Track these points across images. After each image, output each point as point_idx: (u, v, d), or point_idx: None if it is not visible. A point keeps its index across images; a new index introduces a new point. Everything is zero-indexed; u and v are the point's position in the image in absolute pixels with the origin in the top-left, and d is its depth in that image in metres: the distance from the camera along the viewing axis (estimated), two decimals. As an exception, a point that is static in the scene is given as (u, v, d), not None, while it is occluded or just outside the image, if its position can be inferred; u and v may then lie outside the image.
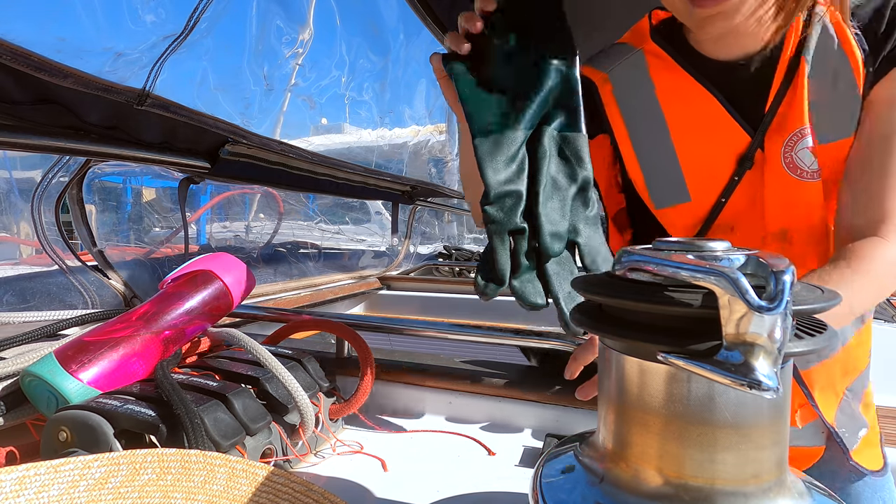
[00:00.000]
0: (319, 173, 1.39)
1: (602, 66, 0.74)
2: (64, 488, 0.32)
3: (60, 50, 0.71)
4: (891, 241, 0.59)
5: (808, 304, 0.28)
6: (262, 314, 0.88)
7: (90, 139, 0.80)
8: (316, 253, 1.95)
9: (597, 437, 0.35)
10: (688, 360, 0.26)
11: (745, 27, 0.62)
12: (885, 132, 0.61)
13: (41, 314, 0.66)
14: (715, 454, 0.29)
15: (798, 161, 0.64)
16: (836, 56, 0.62)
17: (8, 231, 1.29)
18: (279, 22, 1.48)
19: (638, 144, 0.72)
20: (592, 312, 0.34)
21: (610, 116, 0.73)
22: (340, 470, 0.55)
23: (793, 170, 0.64)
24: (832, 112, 0.63)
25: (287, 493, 0.36)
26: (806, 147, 0.63)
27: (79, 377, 0.50)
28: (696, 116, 0.69)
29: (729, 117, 0.67)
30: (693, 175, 0.70)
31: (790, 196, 0.65)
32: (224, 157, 1.05)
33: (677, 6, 0.61)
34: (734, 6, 0.57)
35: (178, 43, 0.85)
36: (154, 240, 1.50)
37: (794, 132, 0.63)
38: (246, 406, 0.50)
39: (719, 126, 0.68)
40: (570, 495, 0.33)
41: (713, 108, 0.68)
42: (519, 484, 0.52)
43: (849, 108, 0.63)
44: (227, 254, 0.70)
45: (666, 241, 0.32)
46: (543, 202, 0.43)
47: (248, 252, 1.72)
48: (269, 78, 1.48)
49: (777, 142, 0.65)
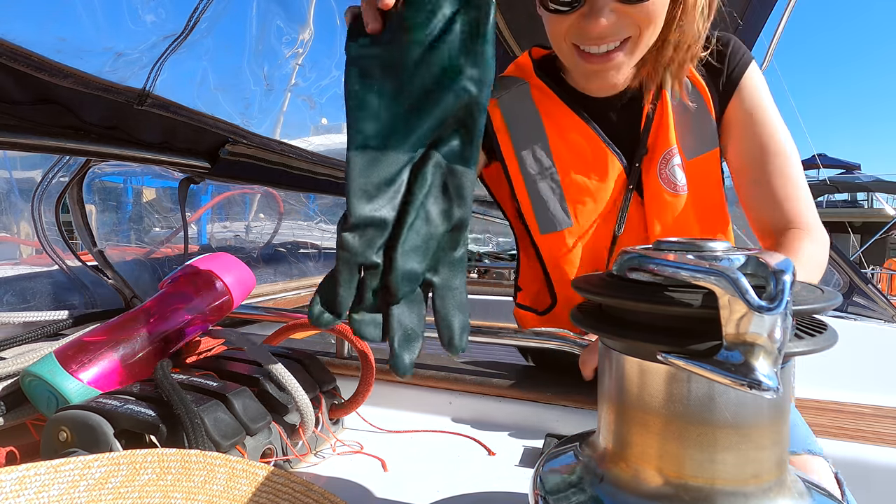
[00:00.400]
0: (319, 173, 1.39)
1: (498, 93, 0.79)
2: (64, 488, 0.32)
3: (60, 50, 0.71)
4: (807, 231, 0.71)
5: (808, 304, 0.28)
6: (262, 314, 0.88)
7: (90, 139, 0.80)
8: (316, 253, 1.95)
9: (597, 437, 0.35)
10: (688, 360, 0.26)
11: (618, 76, 0.71)
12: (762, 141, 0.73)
13: (41, 314, 0.67)
14: (715, 454, 0.29)
15: (671, 177, 0.74)
16: (686, 86, 0.74)
17: (8, 231, 1.29)
18: (279, 22, 1.48)
19: (525, 171, 0.77)
20: (592, 312, 0.34)
21: (500, 142, 0.78)
22: (340, 470, 0.55)
23: (669, 185, 0.74)
24: (693, 132, 0.75)
25: (287, 493, 0.36)
26: (676, 164, 0.74)
27: (79, 377, 0.50)
28: (578, 147, 0.77)
29: (606, 148, 0.76)
30: (575, 201, 0.77)
31: (669, 210, 0.75)
32: (224, 157, 1.05)
33: (566, 55, 0.70)
34: (616, 66, 0.67)
35: (178, 43, 0.85)
36: (154, 240, 1.50)
37: (665, 152, 0.74)
38: (246, 406, 0.50)
39: (599, 155, 0.76)
40: (570, 495, 0.33)
41: (592, 140, 0.76)
42: (519, 484, 0.52)
43: (707, 127, 0.75)
44: (227, 254, 0.70)
45: (666, 241, 0.32)
46: (405, 239, 0.37)
47: (248, 252, 1.72)
48: (269, 78, 1.48)
49: (653, 164, 0.75)
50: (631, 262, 0.31)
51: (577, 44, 0.67)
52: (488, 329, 0.78)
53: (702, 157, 0.75)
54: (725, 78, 0.75)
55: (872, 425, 0.63)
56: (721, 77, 0.75)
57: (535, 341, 0.72)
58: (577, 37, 0.66)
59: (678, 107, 0.75)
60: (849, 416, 0.66)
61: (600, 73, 0.68)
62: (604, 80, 0.69)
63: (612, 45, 0.65)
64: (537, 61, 0.81)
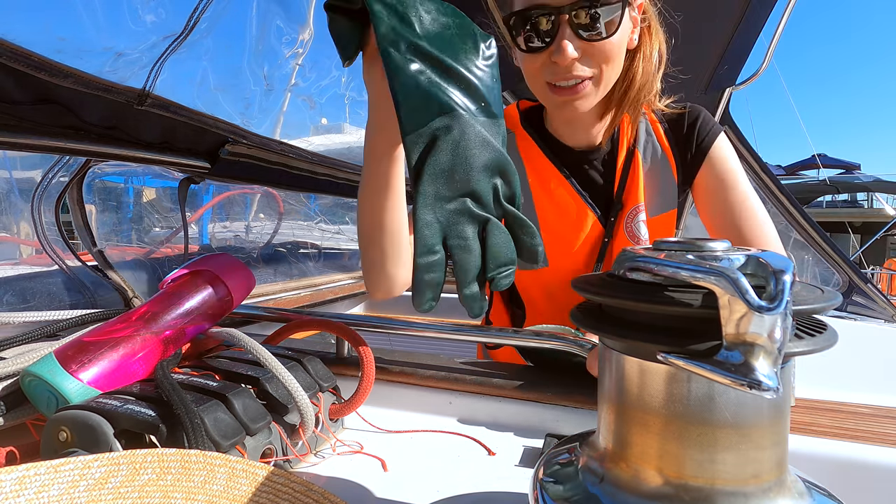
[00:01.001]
0: (319, 173, 1.39)
1: None
2: (64, 488, 0.32)
3: (60, 50, 0.71)
4: None
5: (808, 304, 0.28)
6: (262, 314, 0.88)
7: (90, 139, 0.80)
8: (316, 253, 1.95)
9: (597, 437, 0.35)
10: (688, 360, 0.26)
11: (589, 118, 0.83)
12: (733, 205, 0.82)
13: (41, 314, 0.66)
14: (715, 454, 0.29)
15: (636, 231, 0.83)
16: (656, 150, 0.85)
17: (8, 231, 1.29)
18: (279, 22, 1.48)
19: None
20: (592, 312, 0.34)
21: None
22: (340, 470, 0.55)
23: (633, 238, 0.83)
24: (657, 192, 0.84)
25: (287, 493, 0.36)
26: (641, 220, 0.83)
27: (79, 377, 0.50)
28: (557, 198, 0.86)
29: (582, 201, 0.85)
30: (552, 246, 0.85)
31: None
32: (224, 157, 1.05)
33: (541, 92, 0.79)
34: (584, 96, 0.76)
35: (178, 43, 0.85)
36: (154, 240, 1.50)
37: (633, 208, 0.83)
38: (246, 406, 0.50)
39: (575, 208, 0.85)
40: (571, 495, 0.33)
41: (571, 193, 0.85)
42: (519, 484, 0.52)
43: (670, 189, 0.84)
44: (227, 254, 0.70)
45: (666, 241, 0.32)
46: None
47: (248, 252, 1.72)
48: (269, 78, 1.48)
49: (622, 217, 0.84)
50: (631, 262, 0.31)
51: (550, 80, 0.76)
52: (488, 329, 0.78)
53: (663, 216, 0.85)
54: (695, 148, 0.85)
55: (872, 425, 0.63)
56: (690, 146, 0.85)
57: (534, 341, 0.72)
58: (549, 73, 0.76)
59: (647, 168, 0.85)
60: (849, 416, 0.66)
61: (570, 103, 0.77)
62: (574, 109, 0.78)
63: (579, 80, 0.75)
64: (523, 112, 0.91)
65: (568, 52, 0.71)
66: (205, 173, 1.06)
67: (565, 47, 0.71)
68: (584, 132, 0.86)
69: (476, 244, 0.46)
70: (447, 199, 0.46)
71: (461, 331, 0.75)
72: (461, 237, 0.46)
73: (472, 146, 0.47)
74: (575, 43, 0.72)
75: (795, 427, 0.61)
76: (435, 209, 0.46)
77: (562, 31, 0.72)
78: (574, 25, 0.71)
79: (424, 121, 0.47)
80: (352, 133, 2.15)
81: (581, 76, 0.74)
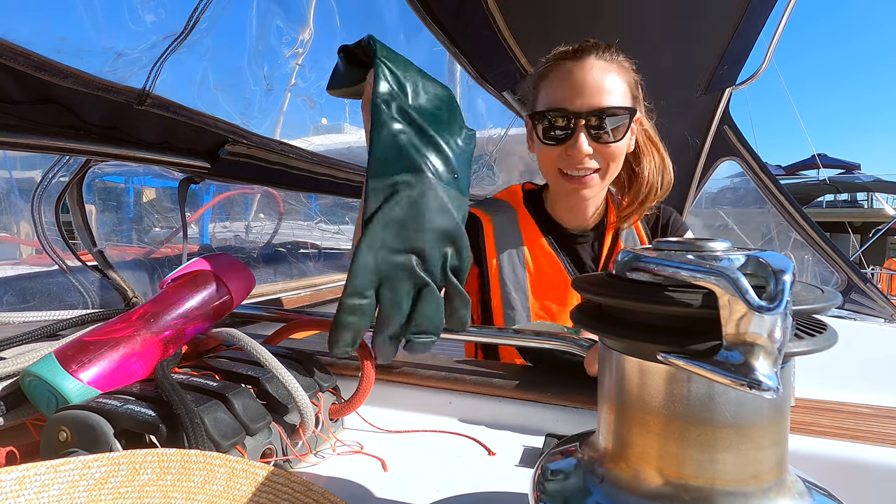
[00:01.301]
0: (319, 173, 1.39)
1: (488, 211, 1.03)
2: (64, 488, 0.32)
3: (60, 50, 0.71)
4: None
5: (808, 304, 0.28)
6: (262, 314, 0.88)
7: (90, 139, 0.80)
8: (316, 253, 1.95)
9: (597, 437, 0.35)
10: (688, 360, 0.26)
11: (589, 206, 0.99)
12: None
13: (41, 314, 0.66)
14: (715, 454, 0.29)
15: None
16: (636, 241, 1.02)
17: (8, 231, 1.29)
18: (279, 22, 1.48)
19: (503, 278, 0.99)
20: (592, 312, 0.34)
21: (487, 249, 1.00)
22: (340, 470, 0.55)
23: None
24: None
25: (287, 493, 0.36)
26: None
27: (79, 377, 0.50)
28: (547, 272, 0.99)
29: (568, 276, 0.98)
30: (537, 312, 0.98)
31: None
32: (224, 157, 1.05)
33: (553, 178, 0.94)
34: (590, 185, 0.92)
35: (178, 43, 0.85)
36: (154, 240, 1.50)
37: None
38: (246, 406, 0.50)
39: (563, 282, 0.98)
40: (571, 495, 0.33)
41: (560, 270, 0.99)
42: (519, 484, 0.52)
43: None
44: (227, 254, 0.70)
45: (666, 241, 0.32)
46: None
47: (248, 252, 1.72)
48: (269, 78, 1.48)
49: None
50: (631, 262, 0.31)
51: (563, 168, 0.91)
52: (488, 329, 0.78)
53: None
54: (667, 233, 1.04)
55: (872, 425, 0.63)
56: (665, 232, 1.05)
57: (535, 341, 0.72)
58: (564, 163, 0.91)
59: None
60: (849, 416, 0.66)
61: (578, 189, 0.93)
62: (581, 196, 0.95)
63: (587, 172, 0.90)
64: (527, 193, 1.07)
65: (584, 148, 0.87)
66: (205, 173, 1.06)
67: (581, 144, 0.87)
68: (581, 217, 1.01)
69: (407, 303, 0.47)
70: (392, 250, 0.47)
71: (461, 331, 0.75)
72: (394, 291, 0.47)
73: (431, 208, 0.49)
74: (588, 143, 0.87)
75: (795, 427, 0.61)
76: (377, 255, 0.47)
77: (578, 131, 0.87)
78: (588, 128, 0.87)
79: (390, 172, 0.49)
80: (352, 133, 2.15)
81: (590, 168, 0.90)
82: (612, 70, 0.89)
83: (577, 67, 0.88)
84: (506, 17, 1.59)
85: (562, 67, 0.90)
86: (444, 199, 0.49)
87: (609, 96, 0.87)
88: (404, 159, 0.49)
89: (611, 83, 0.87)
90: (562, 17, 1.60)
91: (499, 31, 1.63)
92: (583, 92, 0.87)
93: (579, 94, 0.87)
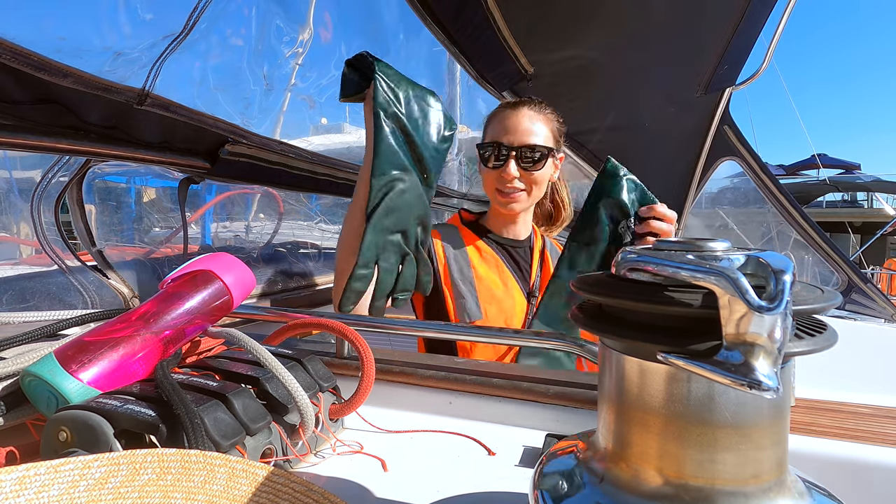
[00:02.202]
0: (319, 173, 1.39)
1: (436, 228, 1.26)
2: (64, 488, 0.32)
3: (60, 50, 0.71)
4: None
5: (808, 304, 0.28)
6: (262, 314, 0.88)
7: (90, 139, 0.80)
8: (316, 253, 1.95)
9: (597, 437, 0.35)
10: (688, 360, 0.26)
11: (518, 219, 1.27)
12: None
13: (41, 314, 0.66)
14: (715, 454, 0.29)
15: None
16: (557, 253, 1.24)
17: (8, 231, 1.29)
18: (279, 22, 1.48)
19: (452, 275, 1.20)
20: (592, 312, 0.34)
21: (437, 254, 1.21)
22: (340, 470, 0.55)
23: None
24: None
25: (287, 493, 0.36)
26: None
27: (79, 377, 0.50)
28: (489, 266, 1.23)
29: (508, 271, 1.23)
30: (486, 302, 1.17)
31: None
32: (224, 157, 1.05)
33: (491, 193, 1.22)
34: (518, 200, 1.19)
35: (177, 43, 0.85)
36: (154, 240, 1.50)
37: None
38: (246, 406, 0.50)
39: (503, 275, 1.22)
40: (570, 495, 0.33)
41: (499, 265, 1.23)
42: (519, 484, 0.52)
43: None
44: (227, 254, 0.70)
45: (666, 241, 0.32)
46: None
47: (248, 252, 1.72)
48: (269, 78, 1.48)
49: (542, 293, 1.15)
50: (631, 262, 0.31)
51: (498, 187, 1.19)
52: (488, 329, 0.78)
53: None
54: None
55: (872, 425, 0.63)
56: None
57: (535, 341, 0.72)
58: (499, 183, 1.18)
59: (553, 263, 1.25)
60: (849, 416, 0.66)
61: (509, 203, 1.19)
62: (511, 209, 1.21)
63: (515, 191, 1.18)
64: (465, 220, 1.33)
65: (512, 172, 1.15)
66: (205, 173, 1.06)
67: (510, 169, 1.15)
68: (514, 229, 1.28)
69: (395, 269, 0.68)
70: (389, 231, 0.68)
71: (461, 331, 0.75)
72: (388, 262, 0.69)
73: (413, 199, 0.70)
74: (516, 169, 1.15)
75: (795, 427, 0.61)
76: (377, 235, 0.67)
77: (509, 160, 1.15)
78: (517, 158, 1.15)
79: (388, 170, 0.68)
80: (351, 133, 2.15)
81: (518, 188, 1.18)
82: (539, 119, 1.18)
83: (512, 113, 1.18)
84: (506, 17, 1.59)
85: (503, 113, 1.20)
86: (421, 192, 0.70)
87: (534, 137, 1.16)
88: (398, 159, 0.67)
89: (537, 128, 1.17)
90: (562, 18, 1.60)
91: (499, 31, 1.63)
92: (515, 131, 1.16)
93: (512, 132, 1.16)
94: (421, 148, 0.69)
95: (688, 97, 1.95)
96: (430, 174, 0.71)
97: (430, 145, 0.70)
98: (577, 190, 2.90)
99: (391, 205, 0.63)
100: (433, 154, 0.71)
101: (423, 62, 2.14)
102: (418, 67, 2.13)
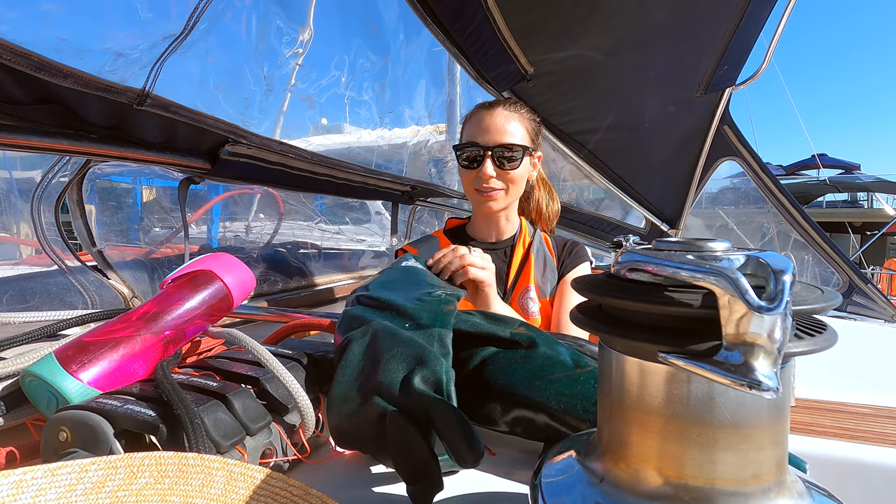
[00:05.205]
0: (319, 173, 1.39)
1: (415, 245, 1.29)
2: (61, 492, 0.32)
3: (60, 50, 0.71)
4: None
5: (808, 304, 0.28)
6: (262, 314, 0.88)
7: (90, 139, 0.80)
8: (316, 253, 1.95)
9: (597, 437, 0.35)
10: (688, 360, 0.26)
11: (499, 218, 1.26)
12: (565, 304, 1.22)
13: (41, 314, 0.66)
14: (715, 454, 0.29)
15: (526, 305, 1.21)
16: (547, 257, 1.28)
17: (8, 231, 1.29)
18: (279, 22, 1.48)
19: None
20: (592, 312, 0.34)
21: None
22: (340, 470, 0.55)
23: (524, 311, 1.20)
24: (546, 282, 1.25)
25: (285, 497, 0.36)
26: (529, 298, 1.21)
27: (79, 377, 0.50)
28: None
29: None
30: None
31: None
32: (224, 158, 1.05)
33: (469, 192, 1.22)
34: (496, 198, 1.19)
35: (178, 43, 0.85)
36: (154, 240, 1.50)
37: (523, 289, 1.22)
38: (246, 406, 0.50)
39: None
40: (570, 495, 0.33)
41: None
42: (519, 484, 0.52)
43: (551, 282, 1.25)
44: (227, 254, 0.70)
45: (666, 241, 0.32)
46: None
47: (248, 252, 1.72)
48: (269, 78, 1.48)
49: (517, 294, 1.22)
50: (631, 262, 0.31)
51: (476, 187, 1.19)
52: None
53: (549, 299, 1.24)
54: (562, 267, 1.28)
55: (872, 425, 0.63)
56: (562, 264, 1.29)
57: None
58: (477, 182, 1.18)
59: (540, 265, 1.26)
60: (849, 416, 0.66)
61: (487, 202, 1.20)
62: (489, 207, 1.21)
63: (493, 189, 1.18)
64: (447, 229, 1.35)
65: (489, 172, 1.16)
66: (205, 173, 1.06)
67: (487, 169, 1.16)
68: (496, 229, 1.28)
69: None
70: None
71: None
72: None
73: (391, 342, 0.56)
74: (493, 168, 1.16)
75: (795, 427, 0.61)
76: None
77: (486, 159, 1.16)
78: (493, 158, 1.16)
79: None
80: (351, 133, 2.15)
81: (495, 188, 1.18)
82: (515, 119, 1.19)
83: (488, 114, 1.18)
84: (506, 17, 1.58)
85: (478, 114, 1.20)
86: (406, 335, 0.55)
87: (510, 136, 1.16)
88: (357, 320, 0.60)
89: (512, 127, 1.17)
90: (562, 18, 1.60)
91: (499, 31, 1.63)
92: (490, 131, 1.17)
93: (488, 132, 1.17)
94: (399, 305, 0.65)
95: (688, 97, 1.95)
96: (422, 318, 0.63)
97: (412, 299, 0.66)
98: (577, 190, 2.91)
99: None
100: (417, 305, 0.64)
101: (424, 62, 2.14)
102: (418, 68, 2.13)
